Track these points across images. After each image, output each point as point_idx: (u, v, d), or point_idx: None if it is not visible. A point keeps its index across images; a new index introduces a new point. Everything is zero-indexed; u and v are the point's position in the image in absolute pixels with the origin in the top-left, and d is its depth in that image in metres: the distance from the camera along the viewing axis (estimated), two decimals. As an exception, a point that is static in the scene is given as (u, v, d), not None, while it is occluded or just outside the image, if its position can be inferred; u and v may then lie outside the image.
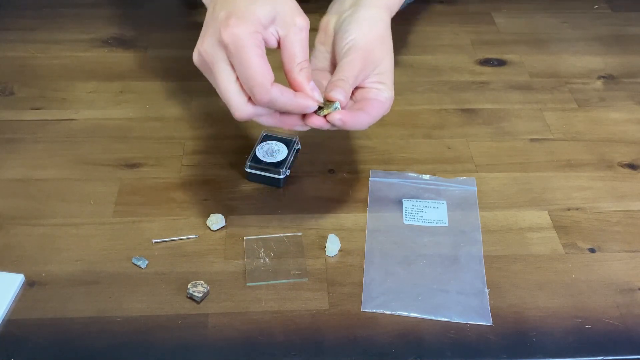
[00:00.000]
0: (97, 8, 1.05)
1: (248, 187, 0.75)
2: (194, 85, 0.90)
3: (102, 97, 0.88)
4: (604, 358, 0.60)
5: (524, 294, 0.65)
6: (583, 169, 0.79)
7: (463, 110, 0.88)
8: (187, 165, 0.78)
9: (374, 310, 0.63)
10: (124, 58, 0.95)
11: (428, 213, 0.72)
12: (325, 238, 0.69)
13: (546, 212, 0.74)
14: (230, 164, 0.78)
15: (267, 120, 0.59)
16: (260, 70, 0.53)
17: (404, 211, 0.73)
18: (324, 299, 0.64)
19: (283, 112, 0.58)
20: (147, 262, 0.67)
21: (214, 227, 0.70)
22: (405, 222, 0.72)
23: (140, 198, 0.73)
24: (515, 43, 1.01)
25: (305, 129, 0.60)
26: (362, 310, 0.63)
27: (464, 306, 0.63)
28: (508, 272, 0.67)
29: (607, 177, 0.78)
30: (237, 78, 0.56)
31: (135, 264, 0.66)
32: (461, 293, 0.65)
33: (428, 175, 0.77)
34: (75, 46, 0.97)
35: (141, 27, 1.01)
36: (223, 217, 0.71)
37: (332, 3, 0.69)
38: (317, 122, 0.58)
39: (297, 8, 0.57)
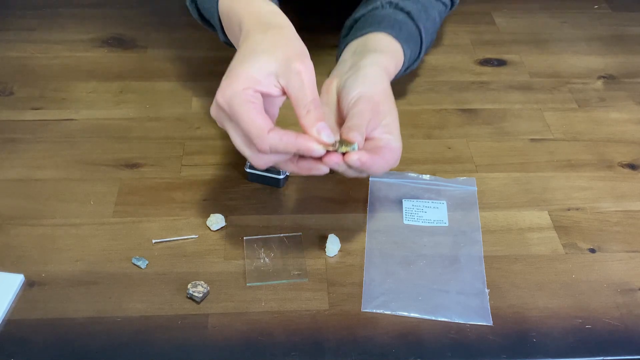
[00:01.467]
0: (97, 8, 1.05)
1: (248, 187, 0.75)
2: (194, 85, 0.90)
3: (102, 97, 0.88)
4: (604, 358, 0.60)
5: (524, 294, 0.65)
6: (583, 169, 0.79)
7: (463, 110, 0.88)
8: (187, 165, 0.78)
9: (374, 311, 0.63)
10: (124, 58, 0.95)
11: (428, 213, 0.72)
12: (325, 238, 0.69)
13: (546, 212, 0.74)
14: (230, 164, 0.78)
15: (287, 166, 0.60)
16: (252, 122, 0.55)
17: (404, 211, 0.73)
18: (324, 299, 0.64)
19: (300, 157, 0.59)
20: (147, 262, 0.67)
21: (214, 227, 0.70)
22: (405, 222, 0.72)
23: (140, 198, 0.73)
24: (515, 43, 1.01)
25: (323, 171, 0.58)
26: (362, 310, 0.63)
27: (464, 306, 0.63)
28: (508, 273, 0.67)
29: (607, 177, 0.78)
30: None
31: (135, 264, 0.66)
32: (461, 293, 0.65)
33: (428, 176, 0.77)
34: (75, 46, 0.97)
35: (141, 27, 1.01)
36: (223, 217, 0.71)
37: (333, 69, 0.70)
38: (333, 159, 0.57)
39: (296, 53, 0.58)
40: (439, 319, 0.62)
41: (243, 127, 0.56)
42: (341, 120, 0.64)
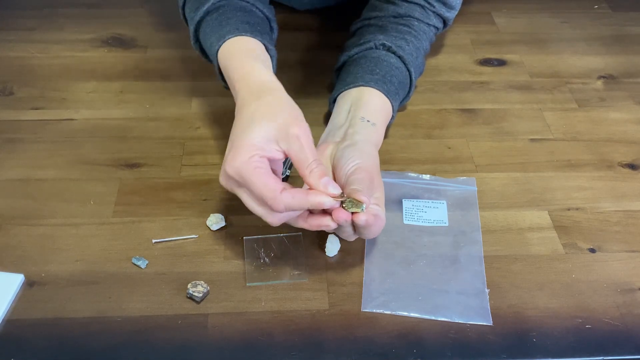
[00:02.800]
0: (97, 8, 1.05)
1: (248, 187, 0.75)
2: (194, 85, 0.90)
3: (102, 97, 0.88)
4: (604, 358, 0.60)
5: (524, 294, 0.65)
6: (583, 169, 0.79)
7: (463, 110, 0.88)
8: (187, 165, 0.78)
9: (374, 310, 0.63)
10: (124, 58, 0.95)
11: (428, 213, 0.72)
12: (325, 238, 0.69)
13: (546, 212, 0.74)
14: (230, 164, 0.77)
15: (297, 222, 0.63)
16: (264, 186, 0.59)
17: (404, 211, 0.73)
18: (324, 299, 0.64)
19: (310, 214, 0.63)
20: (147, 262, 0.67)
21: (214, 227, 0.70)
22: (405, 222, 0.72)
23: (140, 198, 0.73)
24: (515, 43, 1.01)
25: (332, 227, 0.62)
26: (362, 310, 0.63)
27: (464, 306, 0.63)
28: (508, 272, 0.67)
29: (607, 177, 0.78)
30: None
31: (135, 264, 0.66)
32: (461, 293, 0.65)
33: (428, 175, 0.77)
34: (75, 46, 0.97)
35: (141, 27, 1.01)
36: (223, 217, 0.71)
37: (325, 132, 0.74)
38: (343, 215, 0.60)
39: (293, 118, 0.61)
40: (439, 319, 0.62)
41: (256, 192, 0.59)
42: (337, 182, 0.67)
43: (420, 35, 0.82)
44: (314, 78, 0.92)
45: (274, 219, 0.61)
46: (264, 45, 0.73)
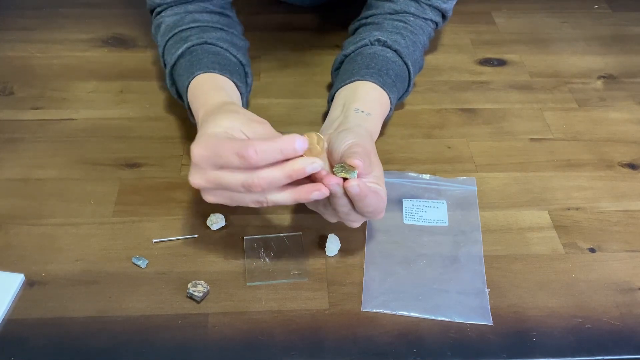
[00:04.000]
0: (97, 8, 1.05)
1: (248, 187, 0.75)
2: (194, 85, 0.90)
3: (102, 97, 0.88)
4: (604, 358, 0.60)
5: (524, 294, 0.65)
6: (583, 168, 0.79)
7: (463, 110, 0.88)
8: (187, 165, 0.78)
9: (374, 310, 0.63)
10: (124, 58, 0.95)
11: (428, 213, 0.72)
12: (325, 238, 0.69)
13: (546, 212, 0.74)
14: (230, 164, 0.77)
15: (285, 197, 0.58)
16: (232, 143, 0.55)
17: (404, 211, 0.73)
18: (324, 299, 0.64)
19: (299, 183, 0.58)
20: (147, 261, 0.67)
21: (214, 227, 0.70)
22: (405, 221, 0.72)
23: (140, 198, 0.73)
24: (515, 43, 1.01)
25: (323, 194, 0.57)
26: (362, 310, 0.63)
27: (464, 306, 0.63)
28: (508, 272, 0.67)
29: (607, 177, 0.78)
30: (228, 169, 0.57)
31: (135, 264, 0.66)
32: (461, 293, 0.65)
33: (428, 175, 0.77)
34: (75, 46, 0.97)
35: (141, 27, 1.01)
36: (223, 217, 0.71)
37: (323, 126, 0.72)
38: (333, 179, 0.57)
39: (257, 117, 0.61)
40: (439, 319, 0.62)
41: (228, 156, 0.55)
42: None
43: (416, 30, 0.82)
44: (314, 78, 0.92)
45: (259, 181, 0.55)
46: (234, 82, 0.73)
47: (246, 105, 0.74)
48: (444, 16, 0.86)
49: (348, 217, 0.62)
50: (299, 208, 0.73)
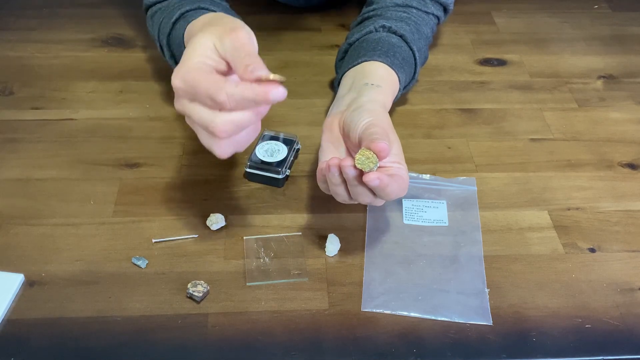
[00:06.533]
0: (97, 8, 1.05)
1: (248, 187, 0.75)
2: (194, 85, 0.90)
3: (102, 97, 0.88)
4: (604, 358, 0.60)
5: (524, 294, 0.65)
6: (583, 169, 0.79)
7: (463, 110, 0.88)
8: (187, 165, 0.78)
9: (374, 310, 0.63)
10: (124, 58, 0.95)
11: (428, 213, 0.72)
12: (325, 238, 0.69)
13: (546, 212, 0.74)
14: (230, 164, 0.77)
15: (338, 190, 0.61)
16: (207, 78, 0.54)
17: (404, 211, 0.73)
18: (323, 299, 0.64)
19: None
20: (147, 262, 0.67)
21: (214, 227, 0.70)
22: (405, 222, 0.72)
23: (140, 198, 0.73)
24: (515, 43, 1.01)
25: (334, 177, 0.60)
26: (362, 310, 0.63)
27: (464, 306, 0.63)
28: (508, 272, 0.67)
29: (607, 177, 0.78)
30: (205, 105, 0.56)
31: (135, 264, 0.66)
32: (461, 293, 0.65)
33: (428, 175, 0.76)
34: (75, 46, 0.97)
35: (141, 27, 1.01)
36: (223, 217, 0.71)
37: (330, 107, 0.71)
38: (350, 172, 0.58)
39: (230, 27, 0.57)
40: (439, 319, 0.62)
41: (202, 91, 0.54)
42: (350, 152, 0.65)
43: (420, 21, 0.82)
44: (314, 78, 0.92)
45: (222, 126, 0.54)
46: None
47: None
48: (445, 10, 0.86)
49: (364, 199, 0.62)
50: (299, 209, 0.73)
